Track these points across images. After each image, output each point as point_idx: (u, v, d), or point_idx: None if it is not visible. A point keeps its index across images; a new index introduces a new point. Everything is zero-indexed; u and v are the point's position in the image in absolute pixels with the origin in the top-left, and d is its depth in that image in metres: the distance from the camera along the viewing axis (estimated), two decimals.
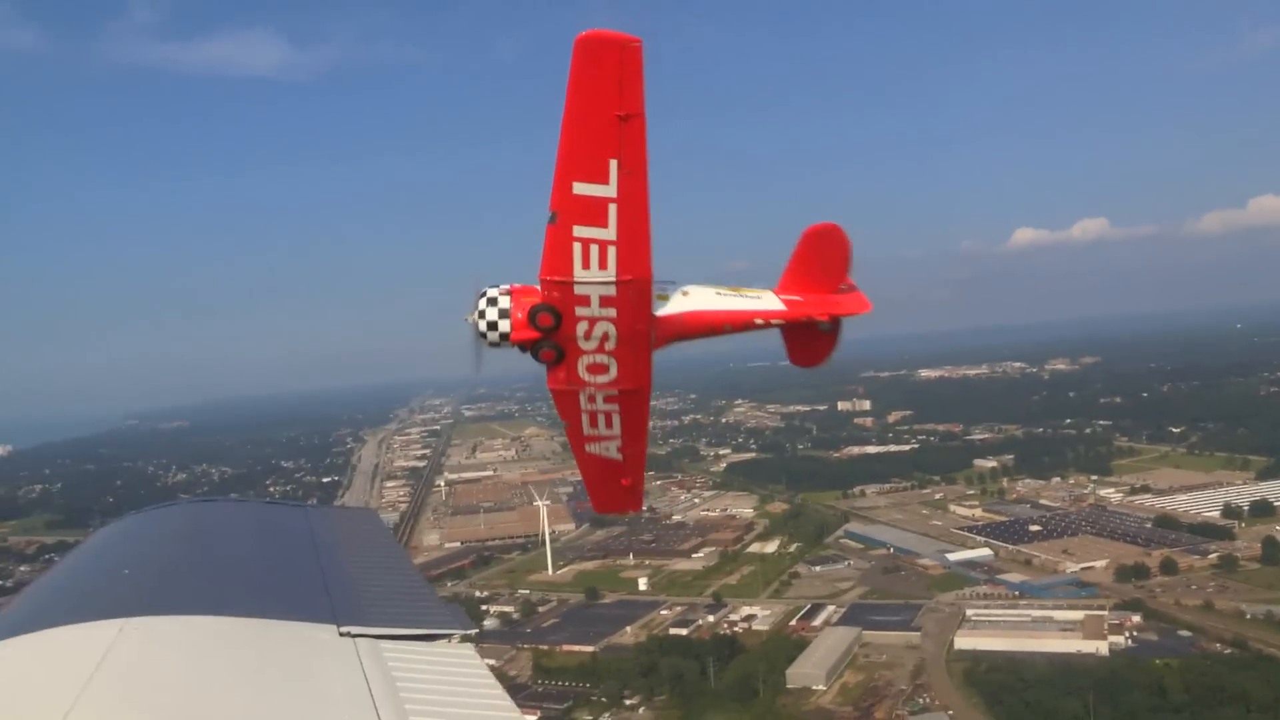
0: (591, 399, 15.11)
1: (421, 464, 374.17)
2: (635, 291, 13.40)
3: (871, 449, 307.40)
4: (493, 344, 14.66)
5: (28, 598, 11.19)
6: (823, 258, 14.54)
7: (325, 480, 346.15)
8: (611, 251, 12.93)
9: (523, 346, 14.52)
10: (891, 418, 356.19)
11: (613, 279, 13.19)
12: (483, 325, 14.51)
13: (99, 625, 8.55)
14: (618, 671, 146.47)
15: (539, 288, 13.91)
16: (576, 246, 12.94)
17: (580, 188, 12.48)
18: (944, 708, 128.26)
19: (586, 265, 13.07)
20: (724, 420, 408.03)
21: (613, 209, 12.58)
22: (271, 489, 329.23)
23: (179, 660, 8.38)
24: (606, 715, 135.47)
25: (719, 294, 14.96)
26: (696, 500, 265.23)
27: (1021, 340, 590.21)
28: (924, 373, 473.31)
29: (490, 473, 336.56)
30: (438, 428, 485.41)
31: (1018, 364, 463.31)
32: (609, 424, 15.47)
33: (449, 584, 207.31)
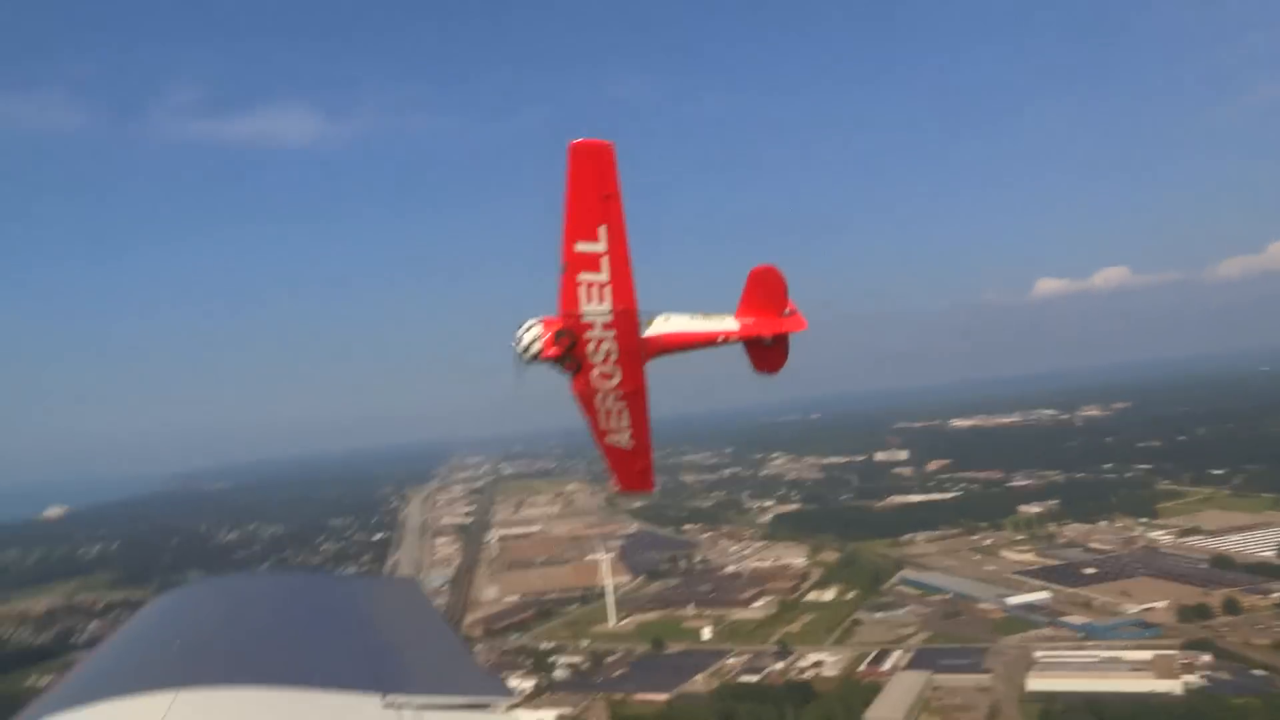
0: (604, 399, 19.47)
1: (468, 520, 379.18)
2: (626, 318, 18.09)
3: (914, 498, 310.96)
4: (531, 360, 19.08)
5: (80, 670, 11.43)
6: (764, 290, 18.86)
7: (375, 538, 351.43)
8: (607, 290, 17.60)
9: (551, 361, 19.08)
10: (931, 466, 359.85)
11: (609, 310, 17.89)
12: (523, 346, 19.09)
13: (152, 697, 8.81)
14: (696, 718, 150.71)
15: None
16: (581, 288, 17.67)
17: (580, 246, 17.13)
18: None
19: (589, 301, 17.83)
20: (763, 473, 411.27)
21: (604, 260, 17.23)
22: (323, 548, 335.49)
23: None
24: None
25: (692, 319, 19.35)
26: (747, 551, 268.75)
27: (1048, 388, 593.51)
28: (956, 422, 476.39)
29: (538, 528, 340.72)
30: (479, 485, 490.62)
31: (1049, 411, 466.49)
32: (619, 418, 19.85)
33: (513, 637, 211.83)
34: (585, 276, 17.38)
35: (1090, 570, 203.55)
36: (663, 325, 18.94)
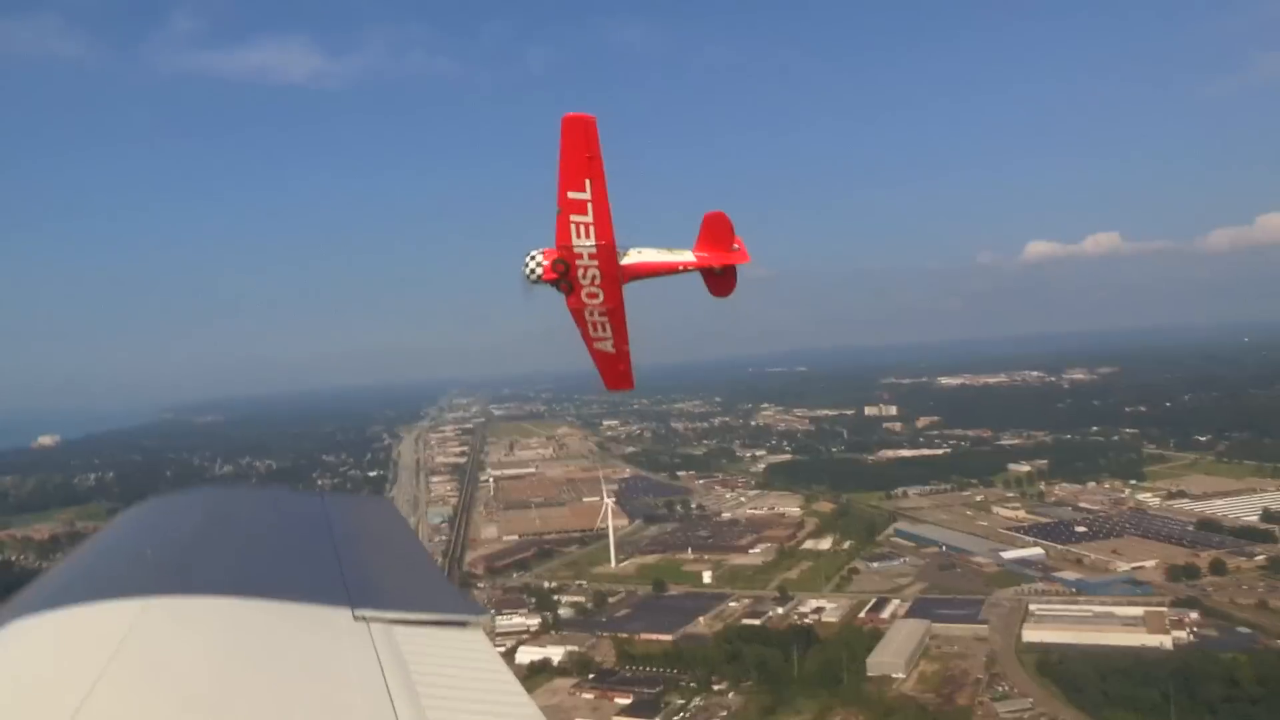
0: (591, 314, 23.09)
1: (462, 460, 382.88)
2: (606, 251, 21.72)
3: (905, 452, 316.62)
4: (534, 282, 22.75)
5: (52, 577, 11.53)
6: (715, 230, 22.32)
7: (371, 474, 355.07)
8: (591, 229, 21.28)
9: (551, 283, 22.70)
10: (920, 423, 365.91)
11: (593, 244, 21.56)
12: (528, 270, 22.71)
13: (122, 604, 8.88)
14: (702, 659, 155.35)
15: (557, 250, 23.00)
16: (572, 227, 21.30)
17: (571, 194, 20.87)
18: (1023, 696, 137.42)
19: (579, 237, 21.44)
20: (753, 423, 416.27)
21: (589, 205, 20.97)
22: (319, 482, 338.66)
23: (198, 640, 8.70)
24: (698, 699, 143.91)
25: (658, 252, 22.94)
26: (743, 499, 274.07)
27: (1035, 350, 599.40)
28: (945, 380, 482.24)
29: (532, 470, 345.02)
30: (470, 426, 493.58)
31: (1035, 373, 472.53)
32: (604, 330, 23.45)
33: (515, 575, 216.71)
34: (575, 218, 21.21)
35: (1081, 529, 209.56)
36: (636, 256, 22.58)
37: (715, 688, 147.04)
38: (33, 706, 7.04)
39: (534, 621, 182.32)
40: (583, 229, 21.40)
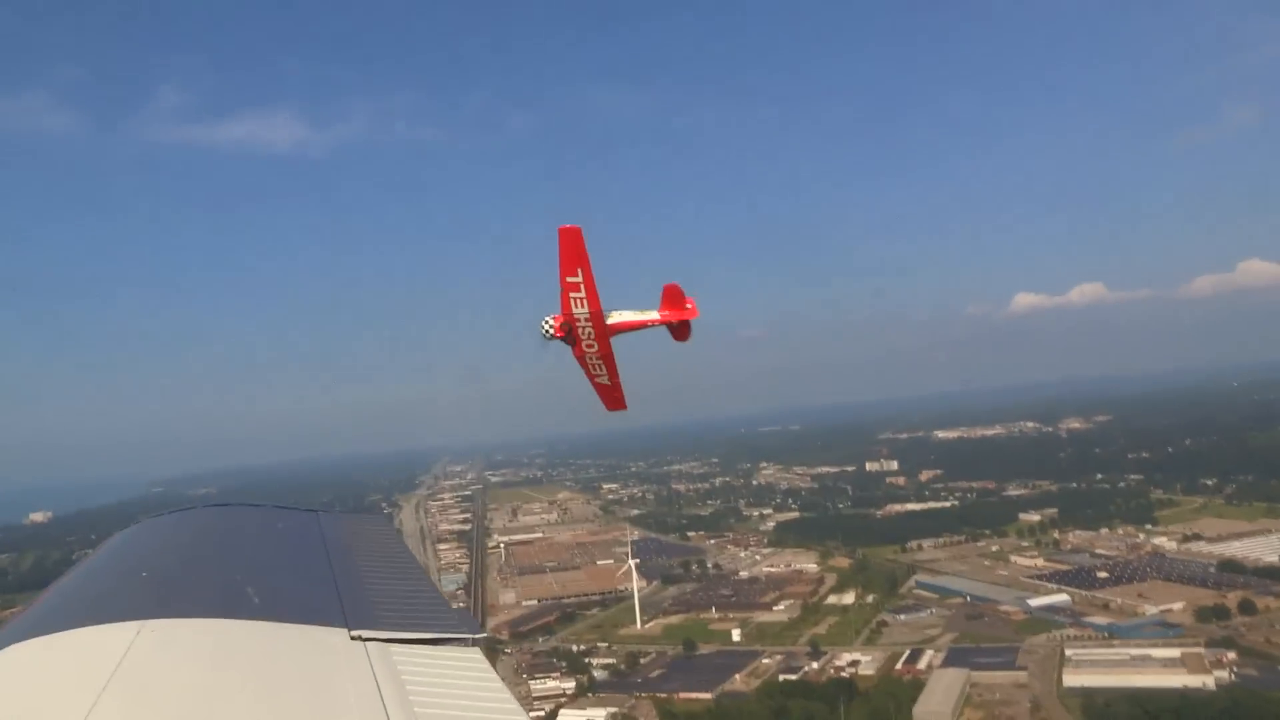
0: (591, 358, 30.01)
1: (466, 527, 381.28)
2: (596, 317, 28.56)
3: (912, 506, 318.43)
4: (549, 339, 29.64)
5: (48, 599, 11.54)
6: (671, 296, 29.44)
7: None
8: (584, 302, 28.02)
9: (559, 339, 29.55)
10: (924, 476, 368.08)
11: (587, 312, 28.35)
12: (544, 330, 29.34)
13: (117, 627, 8.86)
14: (747, 715, 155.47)
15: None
16: (572, 301, 28.05)
17: (568, 279, 27.49)
18: None
19: (577, 307, 28.19)
20: (755, 482, 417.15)
21: (582, 286, 27.65)
22: None
23: (195, 662, 8.68)
24: None
25: (634, 313, 29.80)
26: (757, 557, 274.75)
27: (1026, 400, 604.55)
28: (941, 433, 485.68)
29: (540, 535, 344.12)
30: (469, 493, 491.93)
31: (1030, 423, 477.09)
32: (600, 369, 30.42)
33: (541, 639, 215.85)
34: (573, 295, 28.16)
35: (1102, 574, 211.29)
36: (617, 316, 29.74)
37: None
38: None
39: (569, 685, 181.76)
40: (579, 302, 28.44)
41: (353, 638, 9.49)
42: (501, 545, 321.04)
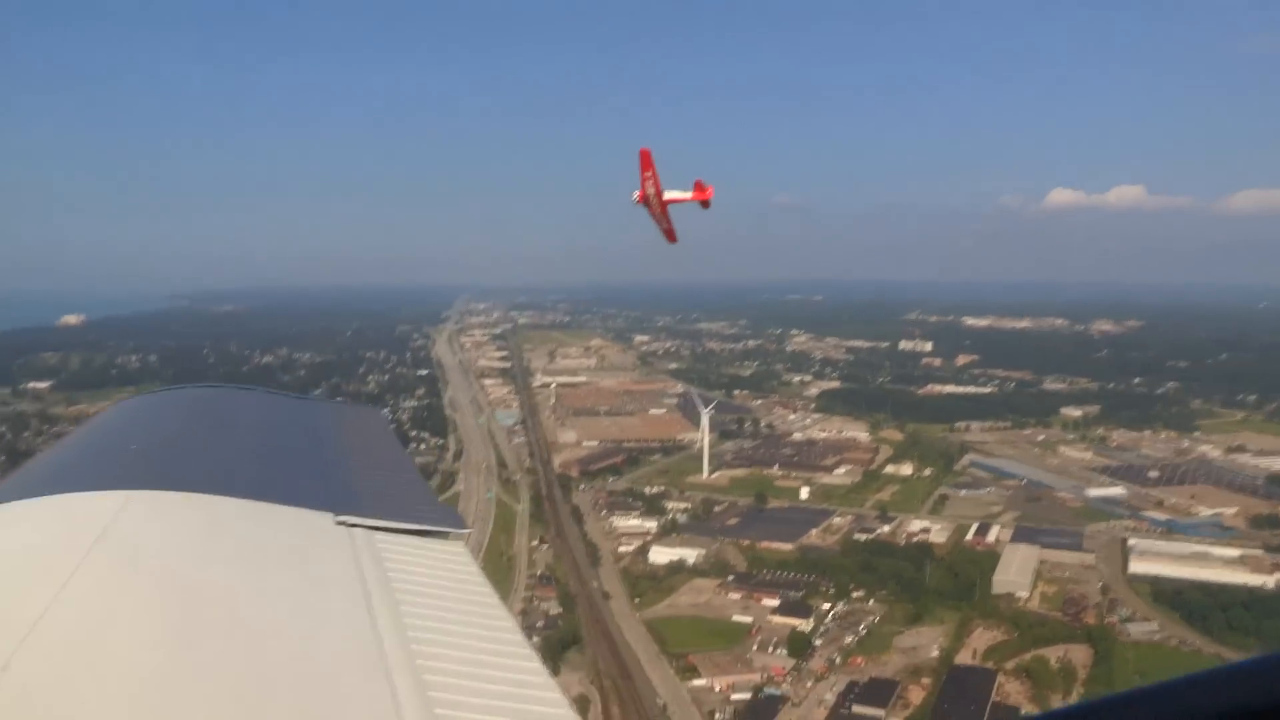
0: (656, 214, 50.84)
1: (507, 365, 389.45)
2: (658, 194, 49.90)
3: (951, 388, 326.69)
4: (636, 203, 50.90)
5: (36, 466, 11.71)
6: (700, 186, 50.68)
7: (421, 373, 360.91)
8: (651, 184, 49.42)
9: (642, 203, 51.05)
10: (959, 361, 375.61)
11: (654, 192, 49.75)
12: (633, 198, 50.73)
13: (104, 495, 9.07)
14: (835, 567, 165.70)
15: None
16: (646, 182, 49.62)
17: (645, 175, 49.33)
18: (1145, 620, 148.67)
19: (648, 186, 49.47)
20: (788, 349, 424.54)
21: (650, 179, 49.62)
22: (370, 378, 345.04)
23: (180, 534, 8.86)
24: (841, 604, 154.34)
25: (679, 192, 50.34)
26: (807, 421, 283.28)
27: (1047, 298, 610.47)
28: (970, 320, 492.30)
29: (583, 379, 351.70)
30: (499, 331, 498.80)
31: (1060, 320, 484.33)
32: (662, 220, 51.43)
33: (610, 479, 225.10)
34: (646, 182, 48.86)
35: (1153, 473, 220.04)
36: (669, 194, 49.59)
37: (853, 595, 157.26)
38: (11, 592, 7.19)
39: (650, 524, 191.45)
40: (649, 184, 49.46)
41: (338, 522, 9.71)
42: (552, 385, 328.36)
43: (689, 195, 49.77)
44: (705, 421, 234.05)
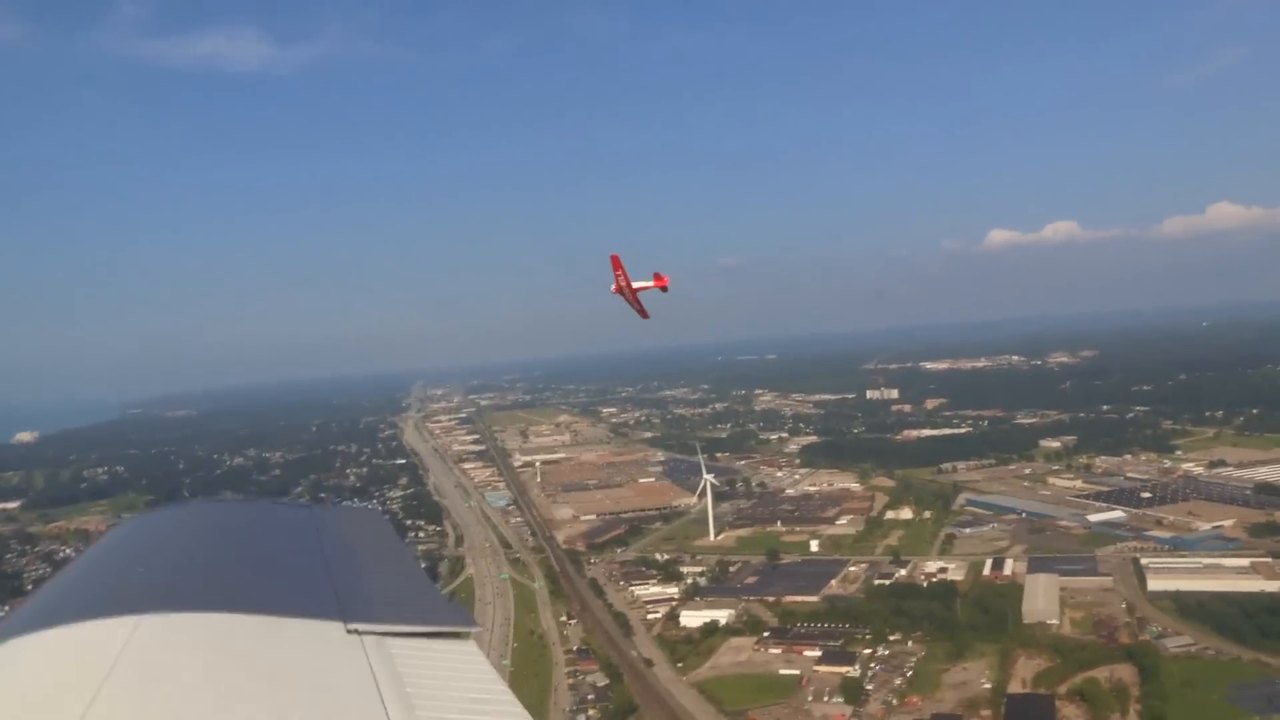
0: (629, 299, 60.98)
1: (481, 447, 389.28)
2: (629, 287, 60.36)
3: (928, 432, 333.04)
4: (615, 293, 60.88)
5: (44, 594, 11.62)
6: (659, 277, 61.72)
7: (399, 462, 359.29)
8: (623, 279, 60.03)
9: (619, 293, 61.02)
10: (929, 404, 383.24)
11: (624, 285, 60.34)
12: (613, 290, 60.48)
13: (115, 621, 8.93)
14: (865, 614, 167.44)
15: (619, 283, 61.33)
16: (621, 279, 60.14)
17: (617, 273, 60.00)
18: (1177, 634, 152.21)
19: (622, 282, 60.14)
20: (756, 408, 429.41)
21: (621, 277, 60.14)
22: (348, 472, 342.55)
23: (193, 655, 8.77)
24: (882, 648, 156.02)
25: (645, 282, 60.88)
26: (795, 476, 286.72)
27: (1000, 335, 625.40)
28: (929, 365, 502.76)
29: (562, 455, 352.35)
30: (464, 415, 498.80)
31: (1016, 356, 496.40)
32: (635, 304, 61.56)
33: (617, 550, 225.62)
34: (619, 278, 59.77)
35: (1145, 495, 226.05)
36: (638, 284, 60.12)
37: (891, 638, 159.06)
38: None
39: (671, 590, 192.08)
40: (621, 279, 59.72)
41: (349, 631, 9.69)
42: (536, 463, 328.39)
43: (651, 284, 60.84)
44: (707, 485, 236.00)
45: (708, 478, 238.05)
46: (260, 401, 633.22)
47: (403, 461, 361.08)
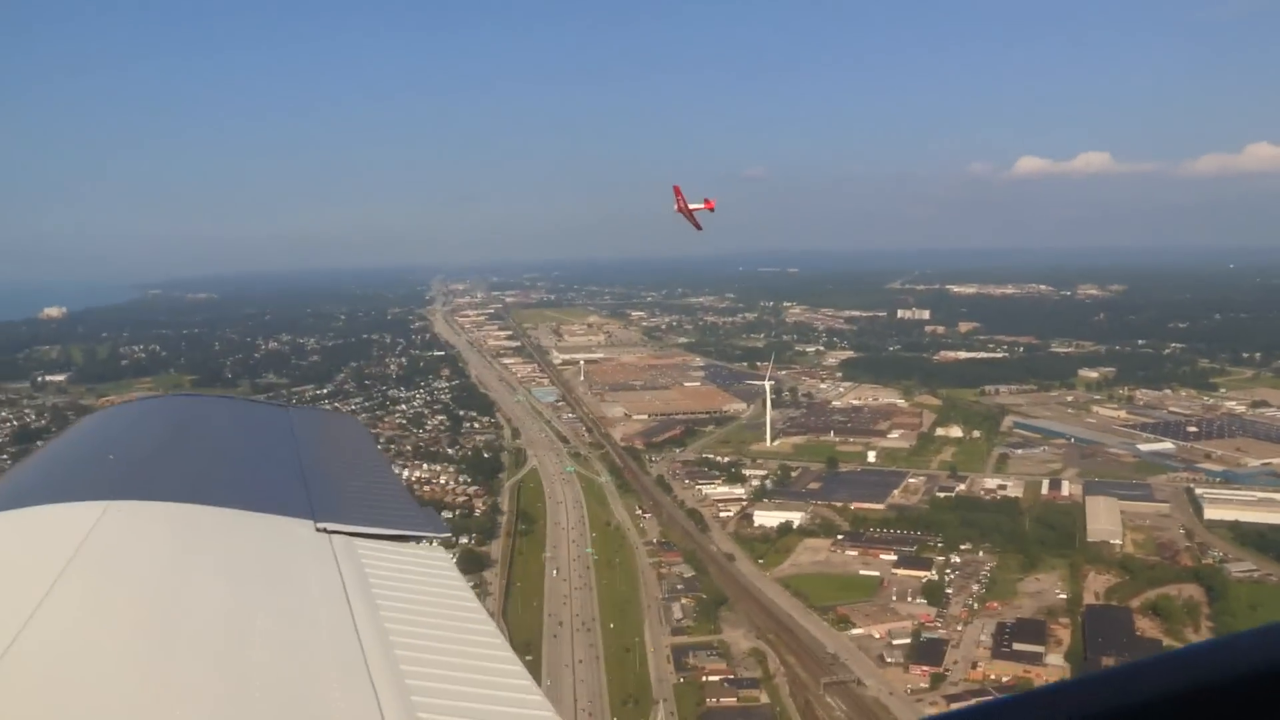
0: (686, 216, 72.92)
1: (516, 344, 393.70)
2: (686, 208, 72.30)
3: (964, 354, 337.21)
4: (677, 212, 72.84)
5: (12, 478, 11.76)
6: (708, 202, 73.91)
7: (437, 354, 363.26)
8: (683, 203, 71.72)
9: (679, 212, 72.48)
10: (962, 328, 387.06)
11: (683, 205, 72.10)
12: (675, 209, 72.22)
13: (83, 506, 9.00)
14: (935, 523, 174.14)
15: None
16: (680, 200, 71.72)
17: (679, 200, 71.83)
18: (1238, 560, 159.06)
19: (679, 202, 71.82)
20: (788, 320, 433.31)
21: (682, 200, 71.91)
22: (389, 362, 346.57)
23: (160, 543, 8.82)
24: (954, 556, 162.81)
25: (699, 204, 73.12)
26: (841, 389, 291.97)
27: (1023, 264, 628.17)
28: (955, 288, 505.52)
29: (601, 356, 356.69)
30: (491, 311, 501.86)
31: (1044, 286, 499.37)
32: (691, 220, 73.35)
33: (676, 450, 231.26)
34: (678, 199, 71.29)
35: (1192, 429, 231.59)
36: (693, 205, 72.23)
37: (962, 547, 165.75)
38: None
39: (738, 490, 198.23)
40: (681, 203, 71.18)
41: (318, 529, 9.73)
42: (580, 362, 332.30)
43: (703, 206, 73.35)
44: (768, 391, 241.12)
45: (769, 383, 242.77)
46: (278, 289, 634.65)
47: (440, 354, 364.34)
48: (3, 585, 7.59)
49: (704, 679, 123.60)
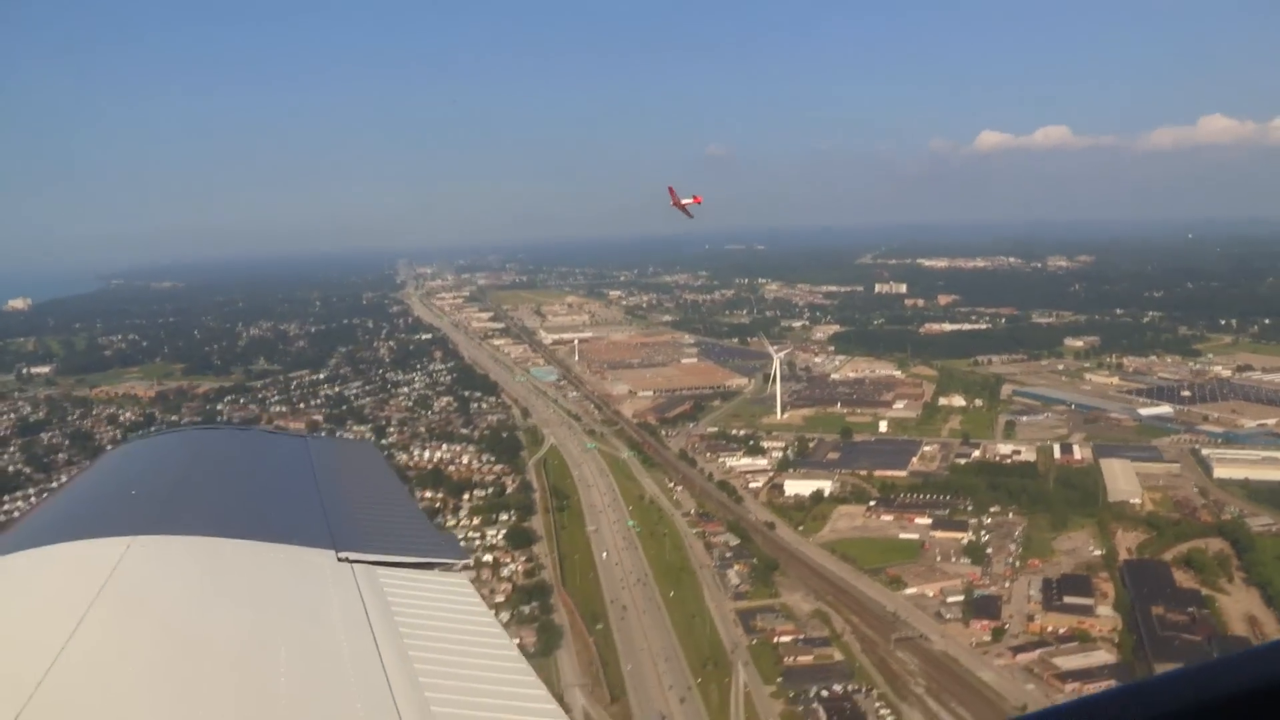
0: (679, 207, 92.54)
1: (501, 325, 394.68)
2: (679, 203, 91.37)
3: (948, 326, 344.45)
4: (672, 206, 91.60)
5: (39, 513, 11.80)
6: (696, 197, 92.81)
7: (424, 337, 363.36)
8: (675, 198, 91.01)
9: (675, 206, 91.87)
10: (942, 300, 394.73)
11: (675, 200, 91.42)
12: (671, 204, 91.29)
13: (108, 542, 9.00)
14: (961, 488, 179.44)
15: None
16: (673, 196, 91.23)
17: (674, 198, 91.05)
18: (1254, 515, 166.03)
19: (674, 199, 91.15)
20: (766, 297, 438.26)
21: (676, 197, 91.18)
22: (376, 345, 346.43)
23: (185, 578, 8.92)
24: (986, 518, 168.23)
25: (689, 199, 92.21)
26: (836, 363, 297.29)
27: (987, 238, 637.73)
28: (927, 262, 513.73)
29: (590, 335, 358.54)
30: (466, 294, 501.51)
31: (1013, 259, 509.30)
32: (684, 211, 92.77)
33: (689, 425, 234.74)
34: (673, 195, 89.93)
35: (1185, 394, 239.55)
36: (686, 200, 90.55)
37: (991, 510, 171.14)
38: (17, 642, 7.26)
39: (761, 462, 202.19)
40: (674, 197, 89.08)
41: (340, 559, 9.90)
42: (575, 341, 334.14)
43: (693, 201, 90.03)
44: (777, 365, 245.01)
45: (778, 357, 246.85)
46: (245, 276, 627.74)
47: (428, 336, 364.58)
48: (31, 622, 7.78)
49: (776, 640, 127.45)
